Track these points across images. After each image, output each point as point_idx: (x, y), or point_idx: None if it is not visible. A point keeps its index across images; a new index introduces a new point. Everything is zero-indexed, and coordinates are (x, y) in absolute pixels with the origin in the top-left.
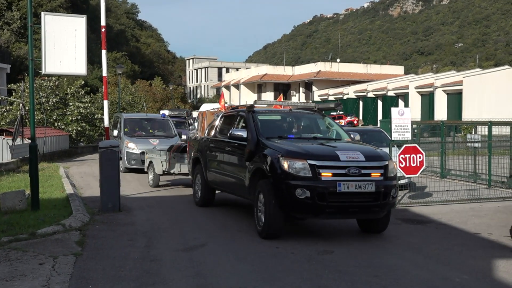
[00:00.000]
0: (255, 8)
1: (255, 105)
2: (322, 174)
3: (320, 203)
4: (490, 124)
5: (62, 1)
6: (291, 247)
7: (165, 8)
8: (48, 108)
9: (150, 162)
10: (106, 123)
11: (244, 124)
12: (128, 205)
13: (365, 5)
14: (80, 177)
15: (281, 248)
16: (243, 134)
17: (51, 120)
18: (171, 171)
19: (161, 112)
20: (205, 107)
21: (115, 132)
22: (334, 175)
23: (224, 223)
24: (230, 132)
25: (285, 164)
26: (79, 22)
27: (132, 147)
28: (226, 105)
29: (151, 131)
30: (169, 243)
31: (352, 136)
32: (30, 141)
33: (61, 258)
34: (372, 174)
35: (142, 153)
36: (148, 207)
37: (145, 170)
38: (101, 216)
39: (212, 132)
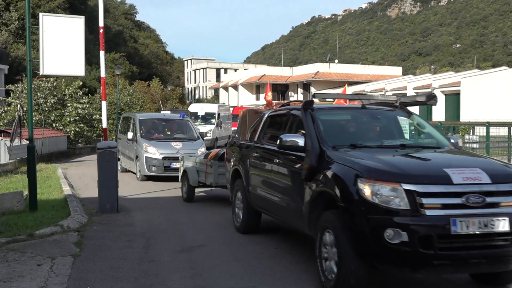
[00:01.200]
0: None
1: (314, 100)
2: (426, 205)
3: (424, 252)
4: (488, 125)
5: (60, 2)
6: (290, 248)
7: (163, 9)
8: (46, 109)
9: (185, 172)
10: (105, 124)
11: (300, 128)
12: (126, 206)
13: (363, 6)
14: (78, 178)
15: (279, 249)
16: (299, 141)
17: (49, 121)
18: (208, 183)
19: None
20: (194, 107)
21: (130, 135)
22: (444, 206)
23: (222, 224)
24: (280, 138)
25: (366, 189)
26: (77, 23)
27: (152, 151)
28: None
29: (169, 133)
30: (167, 244)
31: (453, 141)
32: (28, 142)
33: (59, 259)
34: (504, 204)
35: (164, 158)
36: (146, 208)
37: (179, 180)
38: (99, 217)
39: (256, 137)
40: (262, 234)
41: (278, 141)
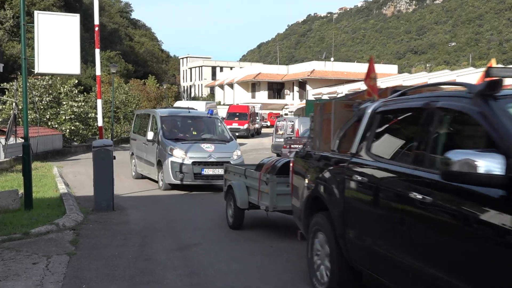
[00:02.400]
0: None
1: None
2: None
3: None
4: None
5: (55, 0)
6: (286, 246)
7: (159, 7)
8: (42, 107)
9: (230, 188)
10: (100, 122)
11: (469, 135)
12: (122, 204)
13: (359, 4)
14: (74, 176)
15: (275, 248)
16: (493, 167)
17: (45, 119)
18: (263, 207)
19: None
20: (179, 104)
21: (150, 135)
22: None
23: (219, 222)
24: (447, 160)
25: None
26: (72, 21)
27: (179, 155)
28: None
29: (195, 133)
30: (163, 242)
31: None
32: (23, 140)
33: (54, 257)
34: None
35: (194, 164)
36: (142, 206)
37: (224, 198)
38: (95, 215)
39: (355, 148)
40: (258, 232)
41: (441, 164)
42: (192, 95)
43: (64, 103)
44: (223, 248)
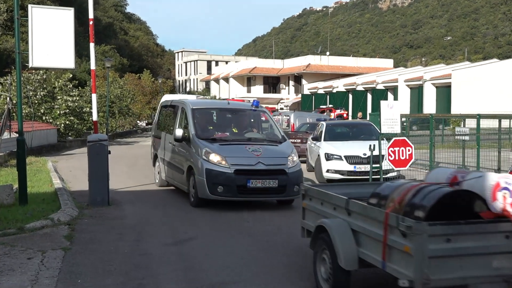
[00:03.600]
0: (244, 1)
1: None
2: None
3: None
4: (478, 117)
5: None
6: (282, 241)
7: (154, 1)
8: (36, 101)
9: (321, 230)
10: (95, 116)
11: None
12: (117, 199)
13: None
14: (69, 171)
15: (271, 242)
16: None
17: (39, 113)
18: (400, 278)
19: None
20: (166, 99)
21: (178, 132)
22: None
23: (214, 218)
24: None
25: None
26: (66, 15)
27: (217, 161)
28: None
29: (235, 130)
30: (158, 237)
31: None
32: (17, 135)
33: (49, 252)
34: None
35: (238, 173)
36: (137, 201)
37: (305, 235)
38: (90, 210)
39: None
40: (255, 228)
41: None
42: (188, 89)
43: (59, 97)
44: (219, 243)
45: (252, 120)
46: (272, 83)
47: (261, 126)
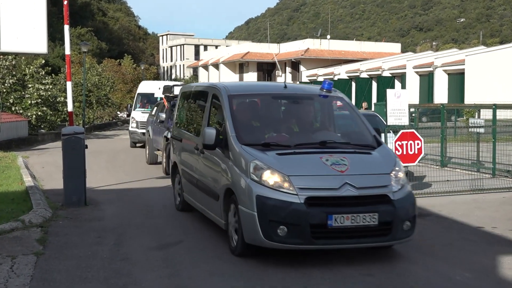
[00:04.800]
0: None
1: None
2: None
3: None
4: (495, 107)
5: None
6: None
7: None
8: (4, 90)
9: None
10: (70, 107)
11: None
12: (95, 199)
13: None
14: (41, 167)
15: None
16: None
17: (8, 104)
18: None
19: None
20: (145, 86)
21: (209, 133)
22: None
23: (202, 218)
24: None
25: None
26: None
27: (275, 182)
28: None
29: (295, 128)
30: (141, 240)
31: None
32: None
33: (20, 258)
34: None
35: (311, 202)
36: (117, 201)
37: None
38: (65, 211)
39: None
40: None
41: None
42: (173, 76)
43: (30, 85)
44: (207, 247)
45: (322, 111)
46: (266, 69)
47: (333, 121)
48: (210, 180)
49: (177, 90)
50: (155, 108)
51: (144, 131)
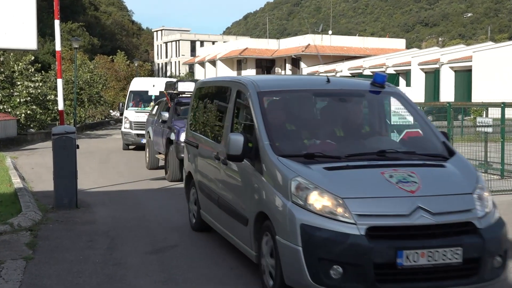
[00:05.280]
0: None
1: None
2: None
3: None
4: (503, 105)
5: None
6: None
7: None
8: None
9: None
10: (61, 105)
11: None
12: (87, 201)
13: None
14: (31, 168)
15: None
16: None
17: None
18: None
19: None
20: (137, 83)
21: (235, 141)
22: None
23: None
24: None
25: None
26: None
27: (324, 206)
28: None
29: (339, 133)
30: (135, 244)
31: None
32: None
33: (8, 263)
34: None
35: (374, 233)
36: (110, 203)
37: None
38: (56, 213)
39: None
40: None
41: None
42: (168, 73)
43: (19, 83)
44: (204, 251)
45: (373, 111)
46: (265, 66)
47: (387, 124)
48: (235, 199)
49: (181, 87)
50: (156, 106)
51: (138, 132)
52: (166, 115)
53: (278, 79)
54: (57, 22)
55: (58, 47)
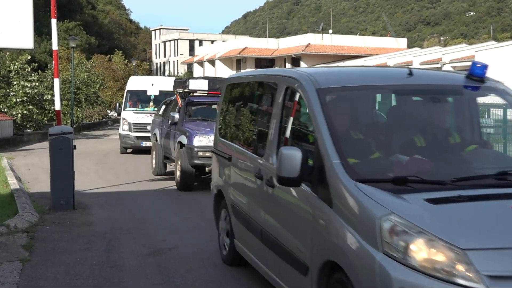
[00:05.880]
0: None
1: None
2: None
3: None
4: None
5: None
6: None
7: None
8: None
9: None
10: (58, 105)
11: None
12: (84, 202)
13: None
14: (27, 169)
15: None
16: None
17: None
18: None
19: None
20: (135, 82)
21: (292, 157)
22: None
23: (196, 223)
24: None
25: None
26: None
27: (445, 262)
28: None
29: (419, 143)
30: (132, 246)
31: None
32: None
33: (5, 265)
34: None
35: None
36: (107, 204)
37: None
38: (52, 215)
39: None
40: None
41: None
42: (167, 73)
43: (15, 83)
44: (203, 253)
45: (464, 114)
46: (265, 66)
47: (478, 127)
48: (289, 237)
49: (192, 85)
50: (163, 106)
51: (138, 134)
52: (176, 116)
53: (343, 72)
54: (54, 21)
55: (55, 46)
